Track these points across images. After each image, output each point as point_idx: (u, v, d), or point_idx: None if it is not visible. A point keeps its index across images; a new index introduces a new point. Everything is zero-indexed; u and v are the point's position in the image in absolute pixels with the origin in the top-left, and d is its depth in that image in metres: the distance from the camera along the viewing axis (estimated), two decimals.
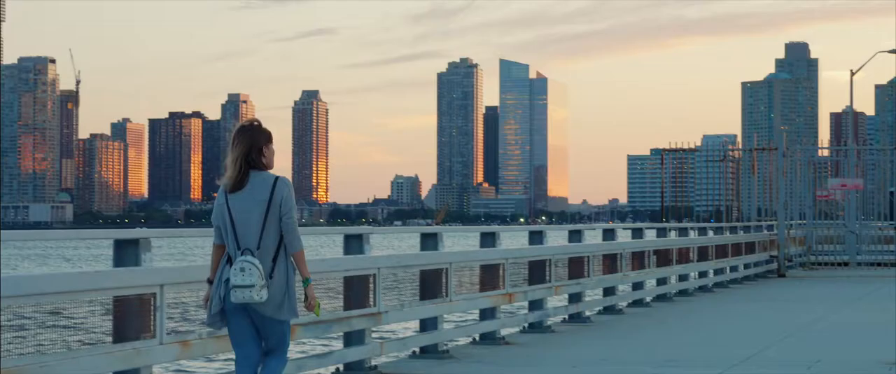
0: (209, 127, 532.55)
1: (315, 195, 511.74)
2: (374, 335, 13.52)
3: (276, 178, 8.13)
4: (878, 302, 24.45)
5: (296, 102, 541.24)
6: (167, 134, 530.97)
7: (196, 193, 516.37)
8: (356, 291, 12.79)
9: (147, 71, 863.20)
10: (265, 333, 8.23)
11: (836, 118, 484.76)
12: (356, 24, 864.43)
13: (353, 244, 13.34)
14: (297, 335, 11.61)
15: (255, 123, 8.24)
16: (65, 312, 8.96)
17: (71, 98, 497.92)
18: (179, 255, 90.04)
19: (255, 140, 8.15)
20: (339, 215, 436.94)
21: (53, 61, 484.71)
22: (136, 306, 9.64)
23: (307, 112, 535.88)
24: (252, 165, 8.15)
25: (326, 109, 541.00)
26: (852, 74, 52.40)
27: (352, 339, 12.93)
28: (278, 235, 8.14)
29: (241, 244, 8.10)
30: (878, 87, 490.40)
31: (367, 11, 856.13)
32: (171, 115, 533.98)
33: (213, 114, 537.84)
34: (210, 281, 8.33)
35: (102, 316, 9.31)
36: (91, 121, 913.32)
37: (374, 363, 13.37)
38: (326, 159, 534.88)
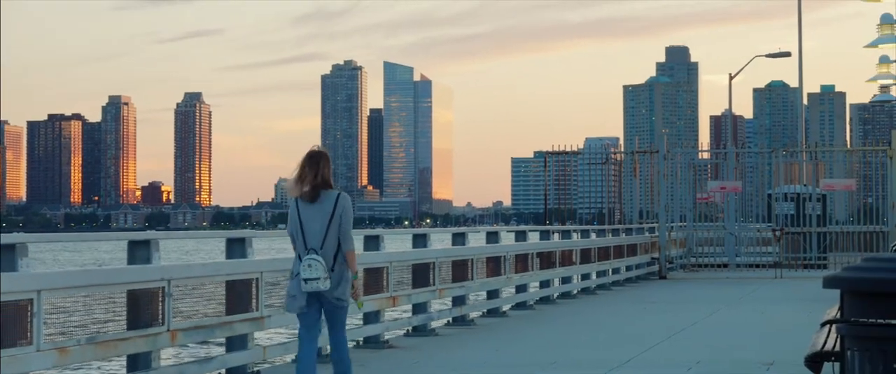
0: (90, 129, 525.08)
1: (198, 198, 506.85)
2: (256, 339, 13.41)
3: (339, 194, 10.28)
4: (757, 303, 24.84)
5: (178, 104, 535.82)
6: (46, 136, 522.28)
7: (76, 196, 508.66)
8: (239, 295, 12.67)
9: (25, 72, 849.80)
10: (330, 314, 10.32)
11: (716, 121, 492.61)
12: (239, 26, 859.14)
13: (236, 248, 13.23)
14: (179, 340, 11.47)
15: (321, 150, 10.36)
16: None
17: None
18: (56, 260, 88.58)
19: (322, 164, 10.28)
20: (222, 218, 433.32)
21: None
22: (13, 312, 9.45)
23: (190, 114, 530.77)
24: (321, 185, 10.21)
25: (209, 112, 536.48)
26: (731, 77, 53.31)
27: (234, 344, 12.82)
28: (338, 238, 10.21)
29: (308, 245, 10.18)
30: (755, 90, 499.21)
31: (251, 12, 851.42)
32: (51, 117, 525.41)
33: (94, 116, 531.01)
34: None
35: None
36: None
37: (256, 368, 13.27)
38: (209, 162, 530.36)
